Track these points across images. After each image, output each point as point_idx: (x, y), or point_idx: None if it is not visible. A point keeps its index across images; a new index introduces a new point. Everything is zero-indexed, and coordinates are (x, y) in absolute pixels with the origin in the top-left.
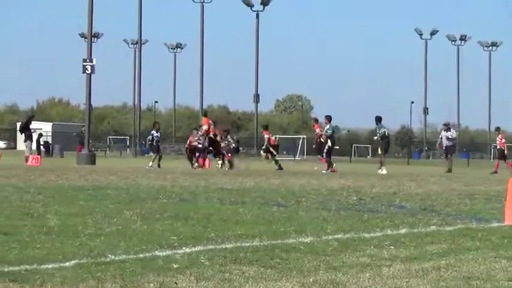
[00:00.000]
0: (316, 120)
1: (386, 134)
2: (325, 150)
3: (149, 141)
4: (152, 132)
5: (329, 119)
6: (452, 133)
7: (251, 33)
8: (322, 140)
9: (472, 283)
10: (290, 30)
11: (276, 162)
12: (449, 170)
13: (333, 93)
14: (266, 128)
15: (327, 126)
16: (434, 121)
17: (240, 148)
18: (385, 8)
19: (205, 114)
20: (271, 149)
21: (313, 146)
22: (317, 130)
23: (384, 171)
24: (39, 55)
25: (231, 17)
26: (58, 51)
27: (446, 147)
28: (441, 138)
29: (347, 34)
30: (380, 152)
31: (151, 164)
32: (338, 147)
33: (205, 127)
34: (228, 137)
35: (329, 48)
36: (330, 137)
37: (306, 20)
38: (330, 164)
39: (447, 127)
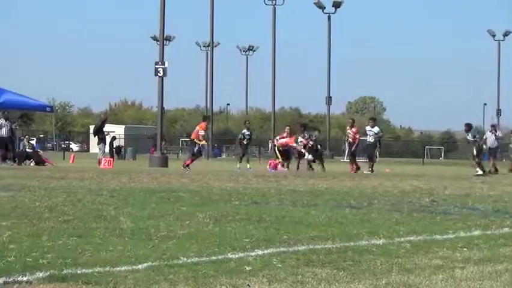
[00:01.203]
0: (354, 121)
1: (476, 139)
2: (377, 153)
3: (240, 139)
4: (243, 131)
5: (374, 120)
6: (499, 133)
7: (323, 35)
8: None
9: None
10: (362, 31)
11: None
12: (486, 172)
13: (405, 94)
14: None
15: (377, 129)
16: (507, 123)
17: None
18: (457, 10)
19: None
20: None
21: (351, 148)
22: (352, 133)
23: (479, 172)
24: (111, 58)
25: (302, 19)
26: (130, 54)
27: (491, 148)
28: (486, 139)
29: (420, 36)
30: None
31: (238, 165)
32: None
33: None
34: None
35: (401, 50)
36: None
37: (378, 21)
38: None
39: (493, 128)
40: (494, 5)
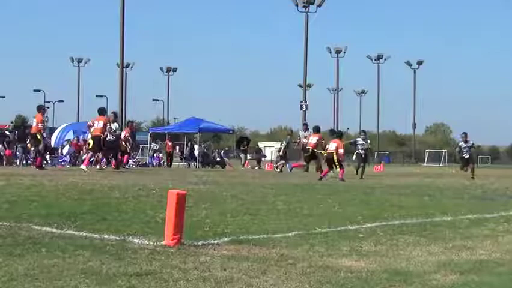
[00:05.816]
0: (316, 130)
1: (361, 147)
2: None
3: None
4: (461, 144)
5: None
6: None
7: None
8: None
9: None
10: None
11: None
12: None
13: (467, 117)
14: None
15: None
16: None
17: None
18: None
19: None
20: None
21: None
22: (315, 140)
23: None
24: (272, 97)
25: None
26: (281, 94)
27: None
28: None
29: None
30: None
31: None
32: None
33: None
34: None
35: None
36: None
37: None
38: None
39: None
40: None
